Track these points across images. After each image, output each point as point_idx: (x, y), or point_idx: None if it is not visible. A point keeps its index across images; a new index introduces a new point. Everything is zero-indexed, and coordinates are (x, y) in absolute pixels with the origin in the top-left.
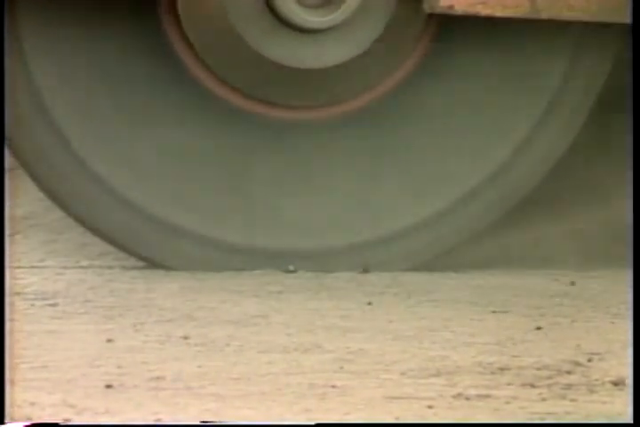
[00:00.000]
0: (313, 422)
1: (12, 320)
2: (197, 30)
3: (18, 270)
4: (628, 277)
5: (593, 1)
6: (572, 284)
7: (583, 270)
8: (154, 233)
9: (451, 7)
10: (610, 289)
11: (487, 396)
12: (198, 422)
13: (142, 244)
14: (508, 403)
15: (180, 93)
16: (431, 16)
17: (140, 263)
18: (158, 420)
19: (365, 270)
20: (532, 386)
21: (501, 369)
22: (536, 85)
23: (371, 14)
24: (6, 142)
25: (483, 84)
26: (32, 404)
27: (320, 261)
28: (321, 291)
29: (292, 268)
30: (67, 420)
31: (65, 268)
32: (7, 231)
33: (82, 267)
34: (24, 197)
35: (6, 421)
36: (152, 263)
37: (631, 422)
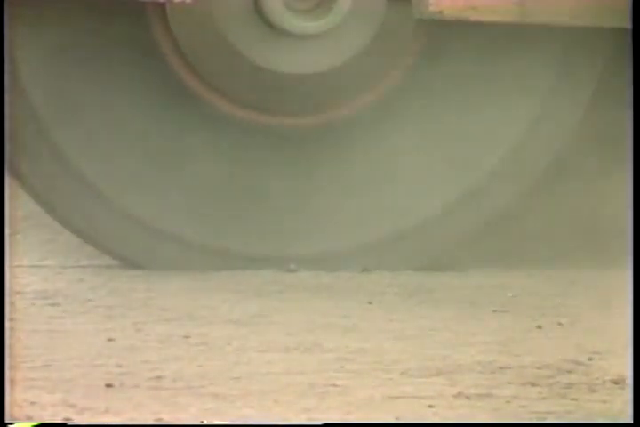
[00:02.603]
0: (313, 422)
1: (12, 320)
2: (187, 37)
3: (18, 270)
4: (628, 276)
5: (582, 6)
6: (573, 283)
7: (583, 269)
8: (138, 235)
9: (440, 12)
10: (610, 288)
11: (488, 395)
12: (198, 422)
13: (125, 245)
14: (508, 402)
15: (171, 100)
16: (421, 21)
17: None
18: (159, 419)
19: (365, 270)
20: (533, 385)
21: (502, 368)
22: (527, 90)
23: (360, 20)
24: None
25: (473, 89)
26: (32, 403)
27: (318, 264)
28: (321, 290)
29: (292, 267)
30: (67, 419)
31: (65, 267)
32: (7, 231)
33: (82, 266)
34: (24, 197)
35: (6, 420)
36: (131, 264)
37: (631, 421)
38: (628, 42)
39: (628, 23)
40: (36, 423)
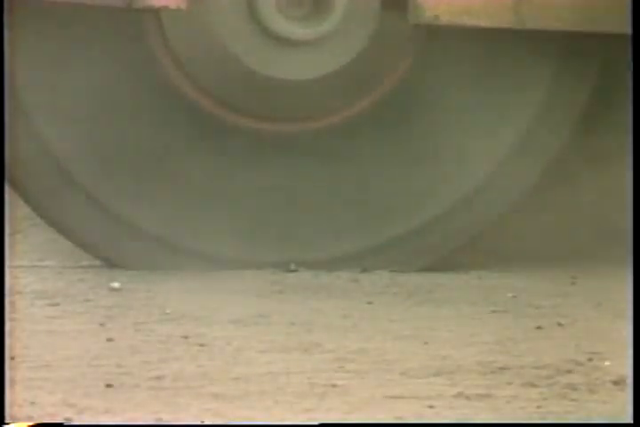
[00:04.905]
0: (313, 422)
1: (12, 320)
2: (183, 43)
3: (18, 270)
4: (627, 276)
5: (577, 11)
6: (573, 283)
7: (583, 269)
8: (127, 237)
9: (436, 17)
10: (610, 289)
11: (487, 395)
12: (198, 422)
13: (112, 245)
14: (508, 402)
15: (166, 106)
16: (417, 27)
17: None
18: (158, 419)
19: (365, 270)
20: (533, 385)
21: (502, 369)
22: (524, 92)
23: (356, 25)
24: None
25: (470, 92)
26: (32, 403)
27: (317, 266)
28: (321, 291)
29: (292, 267)
30: (67, 419)
31: (65, 267)
32: (8, 231)
33: (82, 266)
34: None
35: (7, 420)
36: (111, 263)
37: (631, 421)
38: (626, 46)
39: (624, 28)
40: (31, 423)
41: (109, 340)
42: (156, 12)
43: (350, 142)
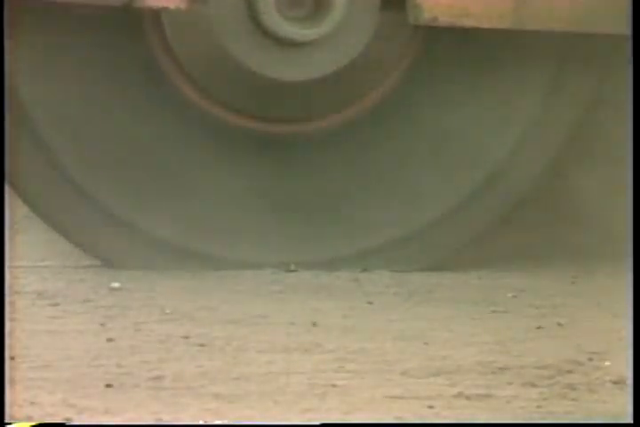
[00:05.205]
0: (313, 422)
1: (12, 320)
2: (183, 44)
3: (18, 270)
4: (628, 276)
5: (577, 12)
6: (573, 283)
7: (583, 269)
8: (127, 238)
9: (435, 19)
10: (610, 288)
11: (488, 395)
12: (198, 422)
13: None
14: (508, 402)
15: (166, 107)
16: (417, 28)
17: None
18: (158, 419)
19: (365, 270)
20: (533, 386)
21: (502, 369)
22: (524, 93)
23: (355, 26)
24: None
25: (470, 94)
26: (32, 403)
27: (318, 266)
28: (321, 291)
29: (292, 267)
30: (67, 419)
31: (65, 267)
32: (8, 231)
33: (82, 266)
34: None
35: (7, 420)
36: (110, 263)
37: (631, 421)
38: (626, 46)
39: (625, 29)
40: (34, 423)
41: (109, 340)
42: (155, 12)
43: (350, 142)
